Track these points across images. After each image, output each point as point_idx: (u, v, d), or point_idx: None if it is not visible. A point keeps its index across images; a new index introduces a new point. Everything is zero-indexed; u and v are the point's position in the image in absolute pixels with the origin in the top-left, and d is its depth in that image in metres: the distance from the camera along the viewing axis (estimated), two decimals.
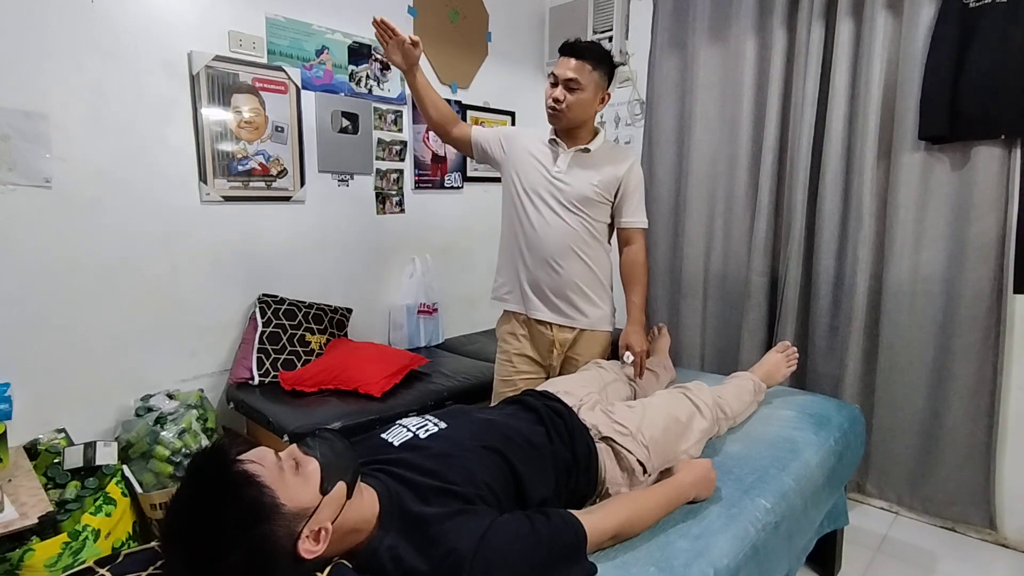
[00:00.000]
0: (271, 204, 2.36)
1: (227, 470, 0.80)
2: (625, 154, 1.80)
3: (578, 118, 1.71)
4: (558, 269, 1.75)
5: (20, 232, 1.78)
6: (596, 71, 1.67)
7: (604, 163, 1.74)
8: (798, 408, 1.75)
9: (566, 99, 1.66)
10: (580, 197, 1.73)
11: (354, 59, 2.57)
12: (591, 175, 1.73)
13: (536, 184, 1.76)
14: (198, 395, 2.06)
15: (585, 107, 1.69)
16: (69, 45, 1.83)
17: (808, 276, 2.37)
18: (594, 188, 1.73)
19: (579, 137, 1.76)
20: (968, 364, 2.01)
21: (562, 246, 1.74)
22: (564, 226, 1.73)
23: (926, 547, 2.04)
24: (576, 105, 1.67)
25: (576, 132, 1.75)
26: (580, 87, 1.65)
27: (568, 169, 1.74)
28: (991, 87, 1.85)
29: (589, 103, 1.69)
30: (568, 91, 1.66)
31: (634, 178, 1.76)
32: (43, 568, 1.40)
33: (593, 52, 1.67)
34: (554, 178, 1.74)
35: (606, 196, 1.75)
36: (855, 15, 2.17)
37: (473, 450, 1.09)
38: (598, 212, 1.76)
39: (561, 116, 1.69)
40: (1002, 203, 1.93)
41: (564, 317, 1.78)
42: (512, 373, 1.87)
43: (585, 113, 1.71)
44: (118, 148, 1.95)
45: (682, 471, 1.26)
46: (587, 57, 1.65)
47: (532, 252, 1.78)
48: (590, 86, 1.66)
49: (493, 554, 0.88)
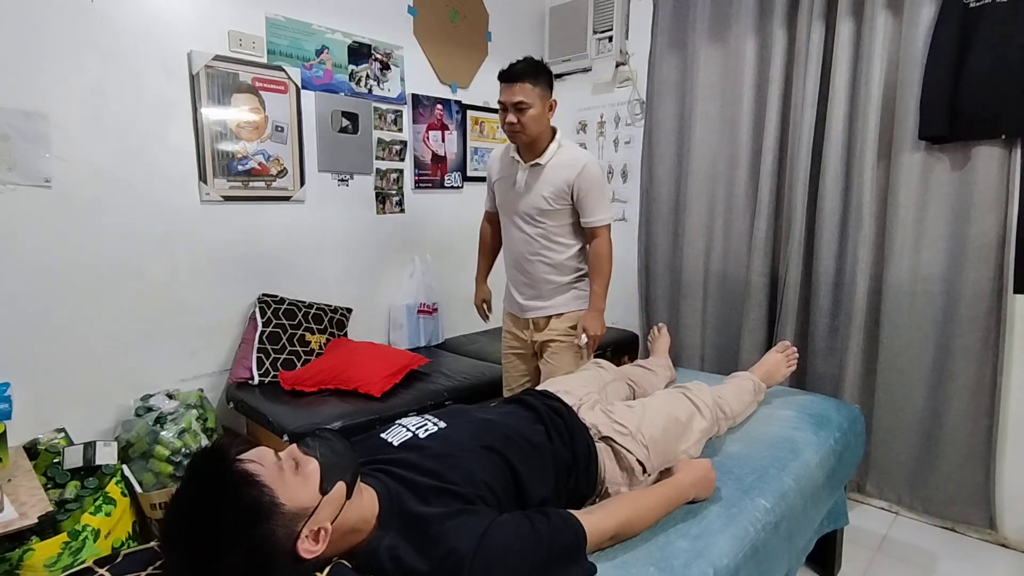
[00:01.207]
0: (271, 204, 2.36)
1: (227, 470, 0.80)
2: (574, 160, 1.88)
3: (535, 131, 1.85)
4: (526, 273, 2.00)
5: (20, 232, 1.78)
6: (536, 86, 1.82)
7: (554, 173, 1.88)
8: (798, 408, 1.75)
9: (519, 120, 1.81)
10: (535, 209, 1.91)
11: (354, 59, 2.57)
12: (542, 187, 1.89)
13: (505, 201, 2.01)
14: (198, 395, 2.07)
15: (538, 120, 1.84)
16: (69, 45, 1.83)
17: (808, 276, 2.37)
18: (545, 199, 1.89)
19: (537, 148, 1.90)
20: (968, 364, 2.01)
21: (526, 253, 1.98)
22: (525, 236, 1.96)
23: (926, 547, 2.04)
24: (530, 122, 1.82)
25: (535, 144, 1.89)
26: (528, 105, 1.81)
27: (525, 184, 1.92)
28: (991, 87, 1.85)
29: (540, 115, 1.84)
30: (519, 112, 1.81)
31: (586, 182, 1.86)
32: (43, 568, 1.40)
33: (528, 71, 1.81)
34: (516, 194, 1.94)
35: (560, 203, 1.90)
36: (855, 15, 2.17)
37: (473, 450, 1.09)
38: (557, 218, 1.92)
39: (520, 135, 1.85)
40: (1002, 203, 1.93)
41: (535, 311, 2.02)
42: (506, 349, 2.17)
43: (540, 125, 1.86)
44: (118, 148, 1.95)
45: (682, 471, 1.26)
46: (524, 78, 1.80)
47: (507, 259, 2.08)
48: (536, 101, 1.82)
49: (493, 554, 0.88)
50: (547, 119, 1.88)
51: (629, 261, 3.01)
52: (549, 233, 1.93)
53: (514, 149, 1.95)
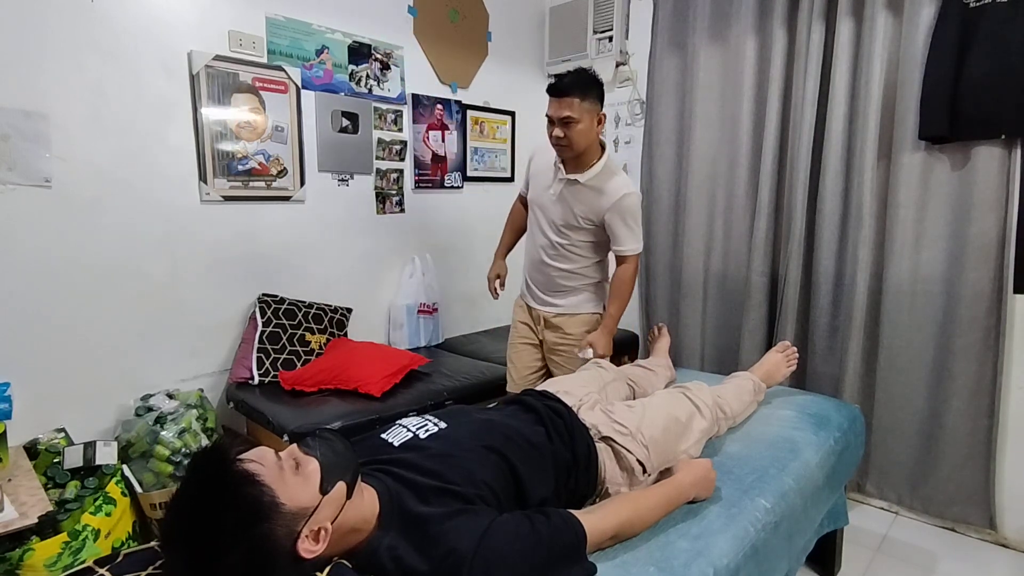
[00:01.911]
0: (271, 204, 2.36)
1: (227, 469, 0.80)
2: (615, 189, 1.84)
3: (582, 145, 1.81)
4: (542, 273, 2.02)
5: (20, 232, 1.78)
6: (585, 100, 1.76)
7: (590, 196, 1.86)
8: (798, 408, 1.75)
9: (567, 135, 1.78)
10: (564, 223, 1.92)
11: (354, 59, 2.57)
12: (575, 205, 1.88)
13: (537, 200, 2.01)
14: (198, 395, 2.07)
15: (586, 135, 1.80)
16: (69, 45, 1.83)
17: (808, 276, 2.37)
18: (577, 216, 1.89)
19: (582, 162, 1.86)
20: (968, 364, 2.01)
21: (544, 257, 1.99)
22: (547, 241, 1.98)
23: (926, 547, 2.04)
24: (577, 136, 1.78)
25: (581, 158, 1.86)
26: (575, 120, 1.76)
27: (559, 195, 1.91)
28: (991, 87, 1.85)
29: (588, 130, 1.80)
30: (565, 127, 1.77)
31: (618, 214, 1.84)
32: (43, 568, 1.40)
33: (577, 85, 1.76)
34: (548, 199, 1.94)
35: (588, 223, 1.90)
36: (855, 15, 2.17)
37: (473, 450, 1.09)
38: (581, 235, 1.93)
39: (567, 148, 1.82)
40: (1002, 203, 1.93)
41: (548, 307, 2.04)
42: (516, 339, 2.16)
43: (586, 139, 1.81)
44: (118, 148, 1.95)
45: (682, 471, 1.26)
46: (573, 92, 1.75)
47: (527, 254, 2.09)
48: (584, 116, 1.77)
49: (493, 554, 0.88)
50: (595, 133, 1.83)
51: None
52: (571, 244, 1.94)
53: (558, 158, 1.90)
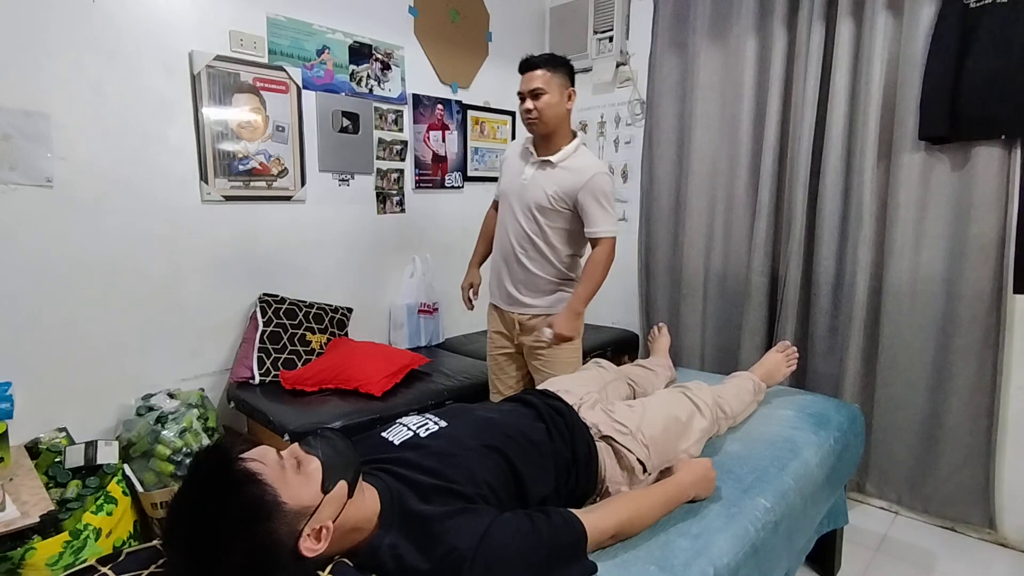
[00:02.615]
0: (272, 204, 2.37)
1: (229, 468, 0.81)
2: (586, 167, 1.83)
3: (553, 120, 1.83)
4: (511, 267, 1.96)
5: (21, 231, 1.78)
6: (554, 74, 1.82)
7: (563, 176, 1.85)
8: (798, 408, 1.75)
9: (536, 107, 1.81)
10: (536, 205, 1.87)
11: (355, 59, 2.57)
12: (548, 185, 1.85)
13: (508, 189, 1.97)
14: (199, 394, 2.07)
15: (554, 106, 1.82)
16: (70, 45, 1.83)
17: (808, 276, 2.37)
18: (548, 197, 1.85)
19: (553, 144, 1.88)
20: (968, 364, 2.01)
21: (516, 247, 1.93)
22: (518, 229, 1.92)
23: (926, 547, 2.04)
24: (547, 108, 1.81)
25: (553, 138, 1.87)
26: (544, 91, 1.80)
27: (531, 177, 1.89)
28: (991, 87, 1.86)
29: (557, 103, 1.83)
30: (535, 99, 1.81)
31: (591, 192, 1.81)
32: (44, 567, 1.41)
33: (546, 59, 1.83)
34: (520, 184, 1.91)
35: (561, 205, 1.86)
36: (855, 15, 2.17)
37: (474, 449, 1.09)
38: (554, 219, 1.88)
39: (538, 123, 1.83)
40: (1002, 203, 1.93)
41: (519, 306, 1.97)
42: (493, 351, 2.11)
43: (557, 113, 1.84)
44: (119, 147, 1.95)
45: (682, 470, 1.26)
46: (542, 65, 1.82)
47: (499, 249, 2.02)
48: (552, 88, 1.81)
49: (494, 553, 0.89)
50: (565, 110, 1.86)
51: (629, 261, 3.01)
52: (543, 232, 1.89)
53: (530, 141, 1.94)
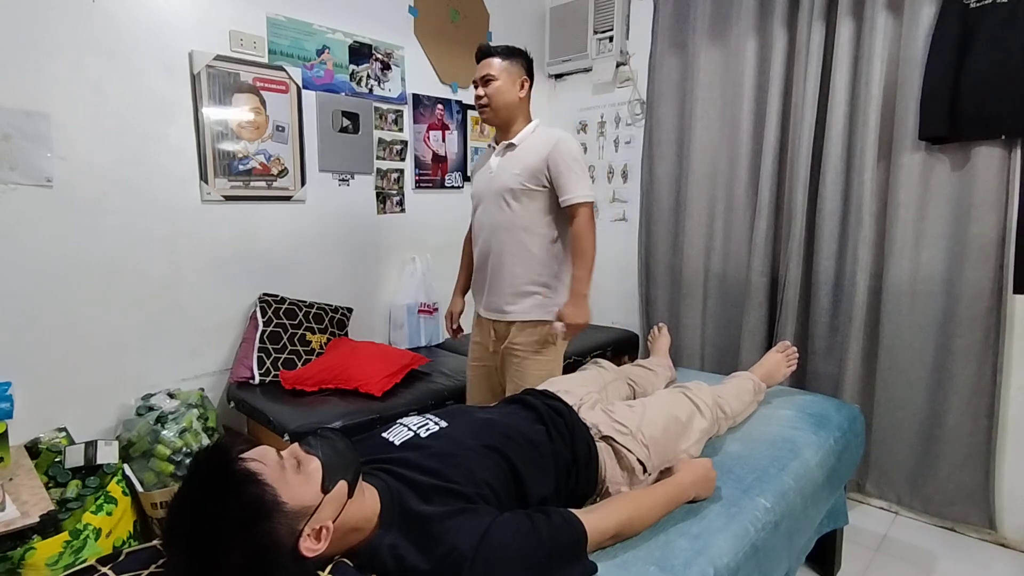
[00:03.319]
0: (272, 204, 2.37)
1: (229, 468, 0.81)
2: (549, 137, 1.78)
3: (503, 106, 1.80)
4: (489, 267, 1.86)
5: (21, 231, 1.78)
6: (506, 61, 1.80)
7: (528, 153, 1.79)
8: (798, 408, 1.75)
9: (486, 93, 1.79)
10: (506, 190, 1.79)
11: (355, 59, 2.57)
12: (514, 166, 1.79)
13: (479, 190, 1.91)
14: (199, 394, 2.07)
15: (504, 93, 1.79)
16: (70, 44, 1.83)
17: (808, 276, 2.37)
18: (517, 178, 1.77)
19: (512, 131, 1.84)
20: (968, 364, 2.01)
21: (493, 243, 1.84)
22: (494, 223, 1.83)
23: (926, 547, 2.04)
24: (496, 94, 1.78)
25: (509, 126, 1.84)
26: (493, 78, 1.78)
27: (498, 166, 1.84)
28: (991, 87, 1.86)
29: (507, 89, 1.79)
30: (485, 85, 1.79)
31: (561, 156, 1.74)
32: (44, 567, 1.41)
33: (500, 49, 1.82)
34: (489, 179, 1.85)
35: (534, 184, 1.76)
36: (855, 15, 2.17)
37: (474, 449, 1.09)
38: (531, 201, 1.77)
39: (488, 109, 1.81)
40: (1002, 203, 1.93)
41: (497, 312, 1.87)
42: (472, 361, 2.03)
43: (507, 100, 1.80)
44: (119, 147, 1.95)
45: (682, 470, 1.26)
46: (496, 54, 1.80)
47: (479, 253, 1.92)
48: (503, 75, 1.78)
49: (494, 553, 0.89)
50: (517, 97, 1.80)
51: (629, 261, 3.01)
52: (521, 219, 1.77)
53: (492, 140, 1.93)
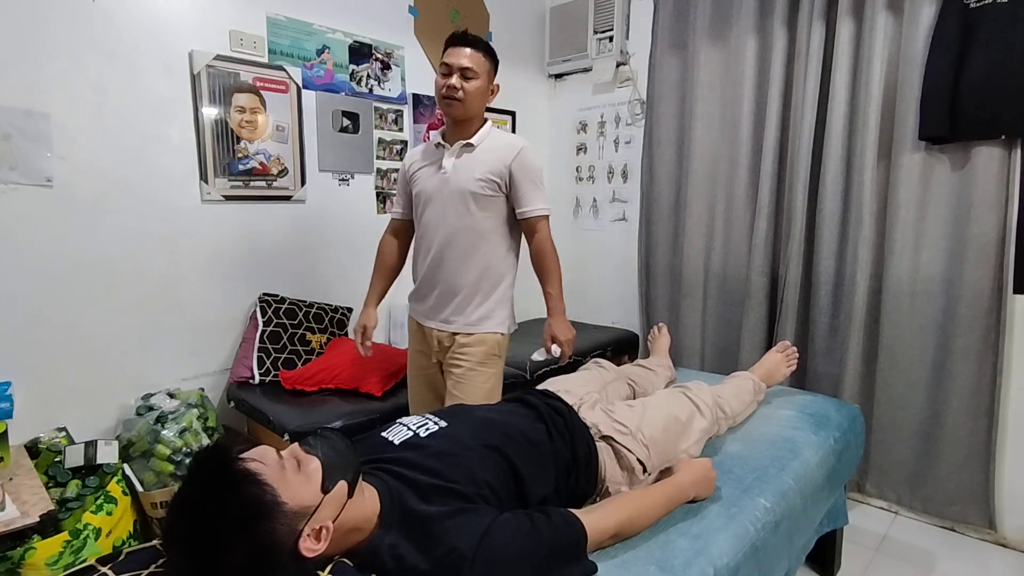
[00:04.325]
0: (272, 203, 2.37)
1: (228, 468, 0.81)
2: (511, 143, 1.71)
3: (473, 107, 1.68)
4: (438, 274, 1.74)
5: (21, 231, 1.78)
6: (487, 60, 1.68)
7: (489, 156, 1.69)
8: (798, 408, 1.75)
9: (463, 87, 1.64)
10: (466, 193, 1.68)
11: (355, 58, 2.57)
12: (474, 169, 1.68)
13: (428, 189, 1.74)
14: (199, 394, 2.07)
15: (480, 95, 1.68)
16: (70, 44, 1.83)
17: (808, 276, 2.37)
18: (478, 182, 1.67)
19: (468, 129, 1.72)
20: (968, 364, 2.01)
21: (445, 250, 1.72)
22: (448, 226, 1.70)
23: (926, 547, 2.04)
24: (473, 93, 1.65)
25: (466, 125, 1.71)
26: (475, 75, 1.65)
27: (453, 167, 1.70)
28: (991, 87, 1.85)
29: (483, 92, 1.69)
30: (464, 79, 1.64)
31: (522, 166, 1.68)
32: (44, 566, 1.41)
33: (482, 43, 1.68)
34: (442, 180, 1.71)
35: (494, 189, 1.69)
36: (855, 15, 2.17)
37: (474, 449, 1.09)
38: (489, 208, 1.70)
39: (458, 105, 1.66)
40: (1002, 203, 1.93)
41: (442, 323, 1.76)
42: (413, 370, 1.90)
43: (480, 102, 1.69)
44: (119, 147, 1.96)
45: (682, 470, 1.26)
46: (479, 47, 1.66)
47: (420, 258, 1.79)
48: (483, 75, 1.67)
49: (494, 553, 0.89)
50: (485, 103, 1.72)
51: (629, 261, 3.01)
52: (480, 225, 1.69)
53: (438, 137, 1.76)
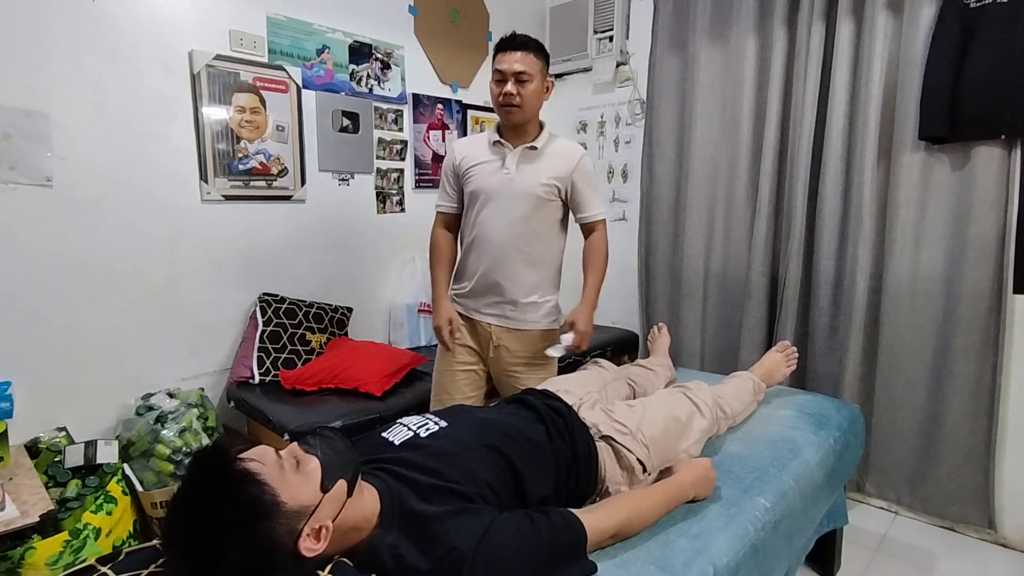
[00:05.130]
0: (272, 203, 2.37)
1: (228, 468, 0.81)
2: (572, 151, 1.75)
3: (532, 110, 1.69)
4: (500, 270, 1.74)
5: (21, 231, 1.78)
6: (539, 60, 1.68)
7: (552, 161, 1.72)
8: (798, 408, 1.75)
9: (520, 92, 1.65)
10: (528, 195, 1.70)
11: (355, 58, 2.57)
12: (540, 174, 1.71)
13: (488, 187, 1.73)
14: (199, 394, 2.07)
15: (537, 97, 1.69)
16: (70, 44, 1.83)
17: (808, 276, 2.37)
18: (543, 186, 1.70)
19: (527, 133, 1.73)
20: (968, 364, 2.01)
21: (510, 246, 1.73)
22: (516, 228, 1.72)
23: (925, 547, 2.04)
24: (529, 96, 1.66)
25: (526, 127, 1.73)
26: (530, 78, 1.65)
27: (517, 168, 1.71)
28: (991, 87, 1.85)
29: (539, 92, 1.70)
30: (520, 84, 1.65)
31: (583, 174, 1.74)
32: (44, 566, 1.41)
33: (532, 42, 1.68)
34: (505, 178, 1.72)
35: (554, 194, 1.73)
36: (855, 15, 2.17)
37: (474, 449, 1.09)
38: (546, 209, 1.73)
39: (517, 111, 1.67)
40: (1002, 203, 1.93)
41: (504, 319, 1.78)
42: (452, 363, 1.84)
43: (537, 104, 1.70)
44: (119, 147, 1.95)
45: (682, 470, 1.26)
46: (530, 48, 1.66)
47: (478, 255, 1.77)
48: (537, 76, 1.67)
49: (493, 553, 0.89)
50: (542, 102, 1.73)
51: (629, 261, 3.01)
52: (540, 227, 1.74)
53: (494, 132, 1.76)
